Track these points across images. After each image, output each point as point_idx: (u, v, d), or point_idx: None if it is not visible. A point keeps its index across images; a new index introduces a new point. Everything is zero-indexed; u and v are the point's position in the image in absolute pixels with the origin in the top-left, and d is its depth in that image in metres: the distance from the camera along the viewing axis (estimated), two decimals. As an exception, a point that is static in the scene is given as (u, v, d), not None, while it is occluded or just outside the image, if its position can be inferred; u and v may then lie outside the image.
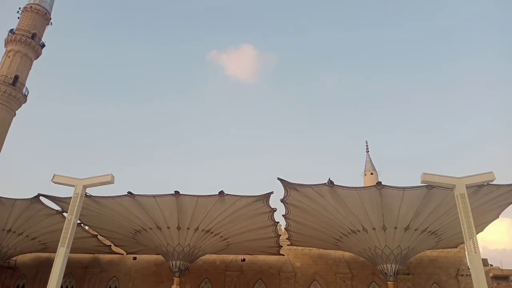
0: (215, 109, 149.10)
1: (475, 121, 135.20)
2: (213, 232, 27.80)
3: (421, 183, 20.12)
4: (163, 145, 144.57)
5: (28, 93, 44.33)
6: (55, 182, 21.48)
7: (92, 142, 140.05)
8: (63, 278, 21.16)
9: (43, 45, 46.75)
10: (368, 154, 47.71)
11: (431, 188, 21.35)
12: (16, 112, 43.72)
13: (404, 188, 22.06)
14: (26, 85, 44.48)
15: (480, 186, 20.96)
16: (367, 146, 48.48)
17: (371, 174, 45.26)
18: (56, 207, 27.27)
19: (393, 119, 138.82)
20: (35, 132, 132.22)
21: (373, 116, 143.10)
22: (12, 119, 43.11)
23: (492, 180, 20.18)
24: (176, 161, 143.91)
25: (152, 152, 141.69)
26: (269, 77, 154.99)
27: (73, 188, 21.23)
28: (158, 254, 31.46)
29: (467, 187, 19.46)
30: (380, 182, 22.40)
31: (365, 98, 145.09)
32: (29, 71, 45.57)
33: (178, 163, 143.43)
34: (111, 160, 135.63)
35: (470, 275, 20.82)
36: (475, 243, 18.37)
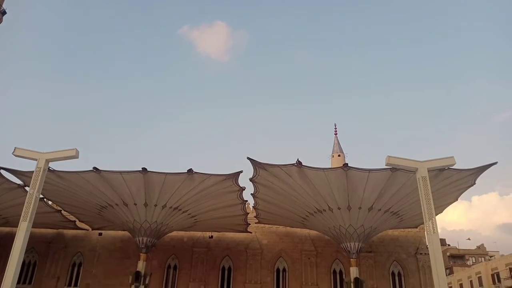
0: (184, 86, 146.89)
1: (439, 107, 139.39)
2: (181, 210, 27.73)
3: (386, 165, 20.68)
4: (133, 122, 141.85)
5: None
6: (16, 155, 20.72)
7: (58, 116, 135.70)
8: (25, 253, 20.71)
9: (4, 12, 44.22)
10: (336, 137, 48.33)
11: (395, 170, 21.95)
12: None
13: (369, 170, 22.60)
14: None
15: (441, 170, 21.71)
16: (335, 128, 49.06)
17: (339, 156, 45.93)
18: (17, 181, 26.39)
19: (362, 103, 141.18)
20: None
21: (342, 99, 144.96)
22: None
23: (453, 165, 21.01)
24: (145, 138, 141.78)
25: (122, 129, 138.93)
26: (241, 56, 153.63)
27: (35, 162, 20.57)
28: (124, 230, 31.21)
29: (429, 170, 20.15)
30: (347, 164, 22.90)
31: (334, 80, 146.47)
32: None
33: (147, 140, 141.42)
34: (77, 136, 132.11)
35: (428, 253, 21.77)
36: (434, 224, 19.16)
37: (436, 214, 20.50)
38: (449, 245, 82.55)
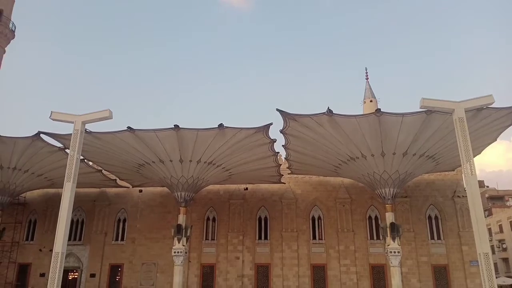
0: (207, 39, 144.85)
1: (474, 45, 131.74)
2: (215, 164, 28.29)
3: (420, 108, 20.00)
4: (159, 79, 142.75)
5: (15, 28, 42.61)
6: (53, 119, 21.43)
7: (90, 79, 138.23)
8: (73, 212, 21.94)
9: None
10: (368, 82, 46.97)
11: (430, 113, 21.24)
12: (6, 48, 42.45)
13: (403, 114, 21.98)
14: (12, 19, 42.76)
15: (479, 109, 20.88)
16: (366, 73, 47.58)
17: (371, 101, 44.86)
18: (58, 144, 27.49)
19: (393, 46, 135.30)
20: (31, 70, 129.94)
21: (373, 43, 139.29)
22: (2, 56, 41.97)
23: (491, 103, 20.04)
24: (175, 94, 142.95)
25: (152, 87, 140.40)
26: (266, 3, 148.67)
27: (72, 125, 21.23)
28: (163, 186, 32.32)
29: (466, 111, 19.36)
30: (379, 109, 22.26)
31: (365, 24, 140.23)
32: (13, 4, 43.51)
33: (177, 97, 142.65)
34: (109, 97, 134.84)
35: (466, 196, 21.38)
36: (471, 166, 18.64)
37: (474, 156, 19.95)
38: (487, 186, 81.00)
